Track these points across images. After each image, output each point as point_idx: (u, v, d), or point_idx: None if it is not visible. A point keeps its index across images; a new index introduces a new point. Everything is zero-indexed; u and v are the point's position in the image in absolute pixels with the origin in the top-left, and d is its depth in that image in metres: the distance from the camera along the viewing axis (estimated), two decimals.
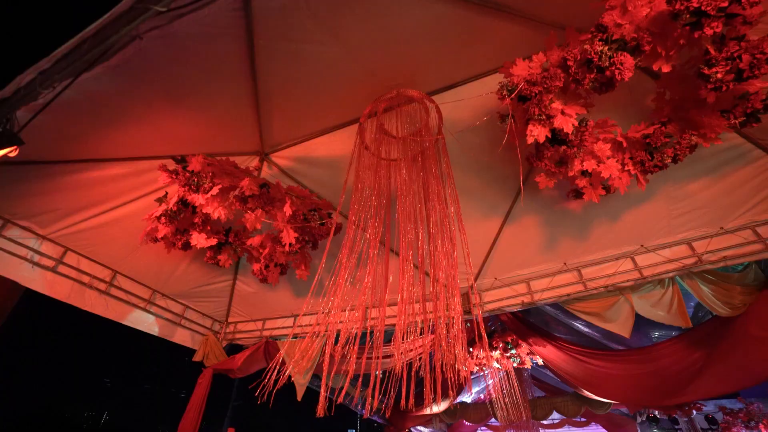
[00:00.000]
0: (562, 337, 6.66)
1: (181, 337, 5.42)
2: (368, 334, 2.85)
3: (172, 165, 3.53)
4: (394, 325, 4.76)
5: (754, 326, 4.15)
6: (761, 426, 7.77)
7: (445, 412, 9.83)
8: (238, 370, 5.42)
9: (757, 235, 3.69)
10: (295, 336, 5.39)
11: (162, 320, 5.14)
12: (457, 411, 9.83)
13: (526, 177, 3.86)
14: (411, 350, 6.26)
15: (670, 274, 3.88)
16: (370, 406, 2.65)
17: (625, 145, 3.12)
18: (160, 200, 3.71)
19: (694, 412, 7.74)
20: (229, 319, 5.91)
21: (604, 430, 12.78)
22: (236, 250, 4.30)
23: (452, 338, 2.93)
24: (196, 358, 5.52)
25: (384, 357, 6.63)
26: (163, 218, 3.68)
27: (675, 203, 3.80)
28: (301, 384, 5.20)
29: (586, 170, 3.14)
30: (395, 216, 3.07)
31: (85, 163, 3.73)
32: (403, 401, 2.60)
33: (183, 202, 3.69)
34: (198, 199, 3.51)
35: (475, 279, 4.56)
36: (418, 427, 12.02)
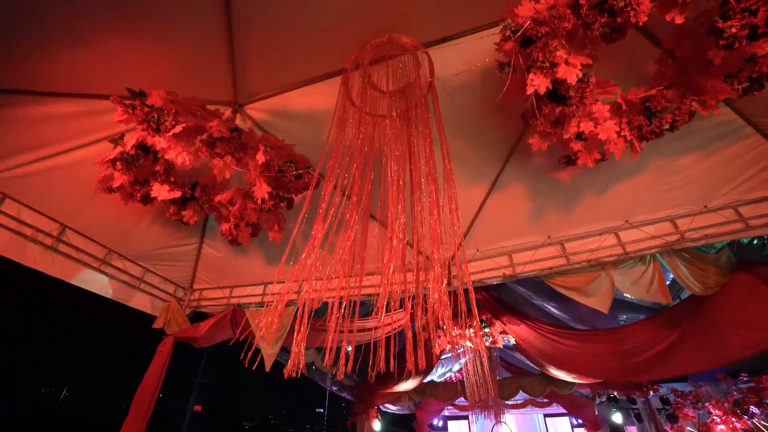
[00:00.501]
0: (534, 317, 6.66)
1: (140, 302, 5.00)
2: (343, 305, 2.54)
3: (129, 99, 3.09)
4: (370, 295, 4.56)
5: (724, 308, 4.20)
6: (709, 406, 8.13)
7: (415, 390, 9.82)
8: (201, 339, 5.07)
9: (739, 214, 3.66)
10: (262, 304, 5.08)
11: (118, 283, 4.69)
12: (426, 389, 9.83)
13: (517, 141, 3.65)
14: (389, 324, 6.08)
15: (653, 251, 3.82)
16: (344, 369, 2.38)
17: (624, 107, 2.95)
18: (115, 141, 3.26)
19: (651, 392, 8.01)
20: (195, 286, 5.51)
21: (564, 410, 13.23)
22: (203, 206, 3.90)
23: (437, 308, 2.66)
24: (157, 325, 5.12)
25: (360, 331, 6.44)
26: (119, 163, 3.24)
27: (664, 177, 3.71)
28: (269, 354, 4.91)
29: (582, 132, 2.96)
30: (378, 178, 2.79)
31: (26, 96, 3.23)
32: (382, 365, 2.37)
33: (142, 147, 3.27)
34: (159, 142, 3.10)
35: (457, 249, 4.36)
36: (387, 405, 12.02)
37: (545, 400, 12.86)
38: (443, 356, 9.84)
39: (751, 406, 7.44)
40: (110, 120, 3.34)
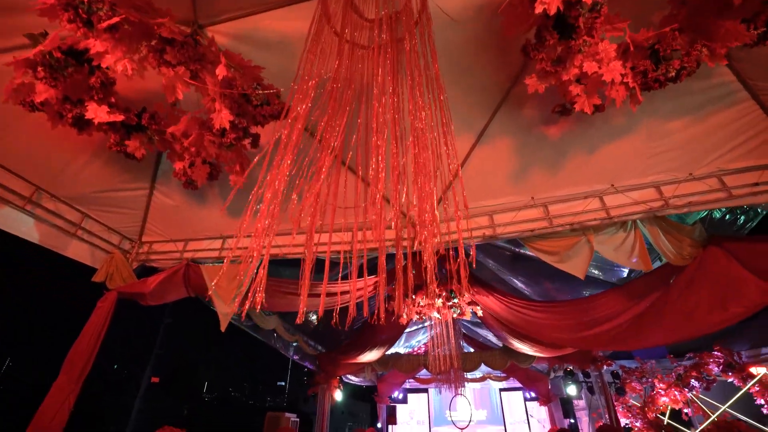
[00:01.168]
0: (503, 291, 6.56)
1: (77, 251, 4.35)
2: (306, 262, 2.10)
3: None
4: (338, 252, 4.18)
5: (695, 282, 4.16)
6: (654, 381, 8.52)
7: (378, 361, 9.68)
8: (150, 296, 4.52)
9: (722, 183, 3.56)
10: (221, 260, 4.59)
11: (48, 227, 4.02)
12: (390, 361, 9.71)
13: (511, 86, 3.32)
14: (361, 288, 5.75)
15: (636, 216, 3.67)
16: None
17: (631, 49, 2.67)
18: (34, 38, 2.61)
19: (605, 367, 8.26)
20: (144, 238, 4.90)
21: (519, 384, 13.66)
22: (152, 138, 3.33)
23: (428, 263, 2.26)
24: (97, 278, 4.50)
25: (328, 295, 6.07)
26: (41, 69, 2.61)
27: (653, 140, 3.53)
28: (224, 314, 4.46)
29: (586, 73, 2.67)
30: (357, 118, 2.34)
31: None
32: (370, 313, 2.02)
33: (72, 53, 2.65)
34: (94, 45, 2.51)
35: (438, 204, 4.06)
36: (349, 376, 11.87)
37: (503, 375, 13.20)
38: (409, 328, 9.73)
39: (692, 380, 7.84)
40: (34, 22, 2.68)
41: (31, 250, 4.12)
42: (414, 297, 6.62)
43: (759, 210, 3.90)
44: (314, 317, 8.36)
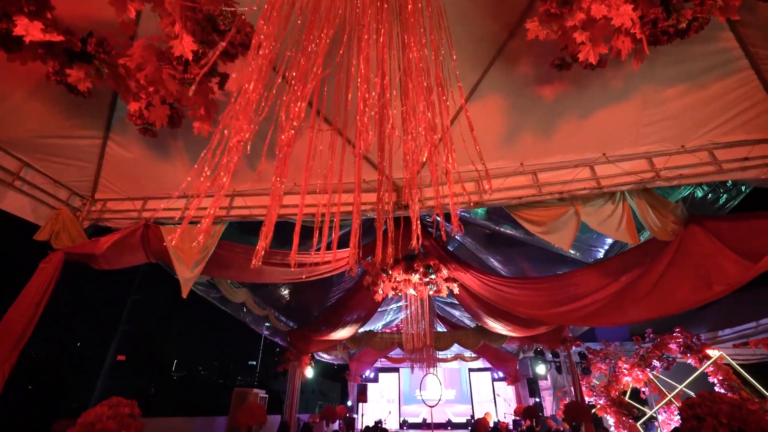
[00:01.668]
0: (480, 268, 6.44)
1: (14, 204, 3.80)
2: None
3: None
4: (313, 215, 3.86)
5: (674, 260, 4.10)
6: (619, 361, 8.75)
7: (351, 339, 9.49)
8: (102, 258, 4.05)
9: (713, 157, 3.45)
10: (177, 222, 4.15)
11: None
12: (363, 339, 9.55)
13: (507, 39, 3.04)
14: (339, 259, 5.44)
15: (627, 187, 3.53)
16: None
17: None
18: None
19: (573, 347, 8.39)
20: (97, 195, 4.37)
21: (488, 365, 13.89)
22: (100, 69, 2.85)
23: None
24: (40, 236, 3.97)
25: (300, 266, 5.76)
26: None
27: (648, 108, 3.36)
28: (186, 279, 4.07)
29: (593, 18, 2.42)
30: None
31: None
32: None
33: None
34: None
35: (420, 169, 3.80)
36: (321, 354, 11.67)
37: (474, 355, 13.37)
38: (382, 307, 9.57)
39: (654, 360, 8.08)
40: None
41: None
42: (390, 272, 6.39)
43: (743, 188, 3.84)
44: (286, 291, 8.04)
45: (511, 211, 3.71)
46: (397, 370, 16.21)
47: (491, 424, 9.09)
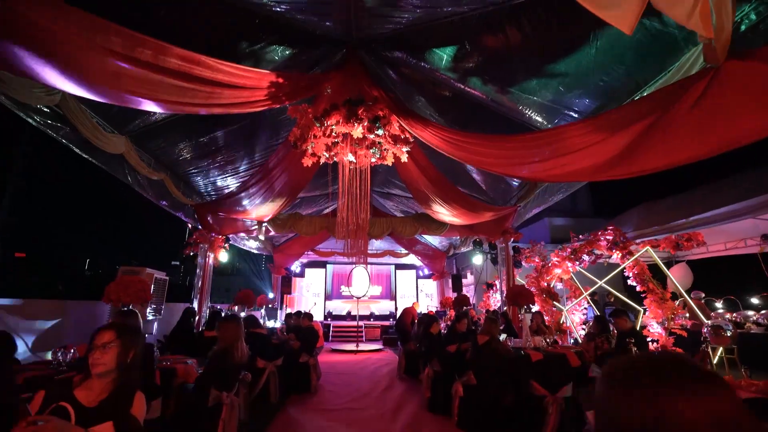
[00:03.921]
0: (442, 125, 5.05)
1: None
2: None
3: None
4: None
5: (707, 100, 3.02)
6: (552, 254, 8.63)
7: (274, 221, 7.99)
8: None
9: None
10: None
11: None
12: (288, 221, 8.09)
13: None
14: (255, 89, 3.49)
15: None
16: None
17: None
18: None
19: (512, 239, 7.90)
20: None
21: (418, 259, 13.65)
22: None
23: None
24: None
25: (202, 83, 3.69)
26: None
27: None
28: None
29: None
30: None
31: None
32: None
33: None
34: None
35: None
36: (244, 243, 10.12)
37: (404, 251, 12.92)
38: (309, 192, 8.03)
39: (584, 255, 7.98)
40: None
41: None
42: (326, 121, 4.70)
43: None
44: (186, 147, 5.98)
45: None
46: (324, 265, 15.53)
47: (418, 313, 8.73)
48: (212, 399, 3.09)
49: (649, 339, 6.45)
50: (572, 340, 7.61)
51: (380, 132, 4.77)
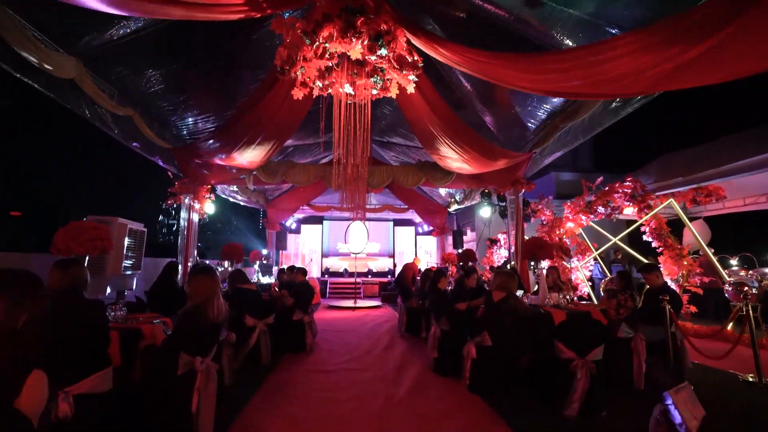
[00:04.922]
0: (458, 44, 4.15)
1: None
2: None
3: None
4: None
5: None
6: (565, 205, 8.01)
7: (264, 169, 7.19)
8: None
9: None
10: None
11: None
12: (280, 169, 7.30)
13: None
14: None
15: None
16: None
17: None
18: None
19: (523, 190, 7.22)
20: None
21: (418, 215, 13.05)
22: None
23: None
24: None
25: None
26: None
27: None
28: None
29: None
30: None
31: None
32: None
33: None
34: None
35: None
36: (234, 195, 9.36)
37: (403, 206, 12.27)
38: (302, 141, 7.15)
39: (599, 207, 7.36)
40: None
41: None
42: (317, 36, 3.79)
43: None
44: (155, 75, 5.04)
45: None
46: (320, 221, 14.94)
47: (419, 269, 8.23)
48: (183, 365, 2.50)
49: None
50: (577, 297, 7.19)
51: (383, 52, 3.89)
